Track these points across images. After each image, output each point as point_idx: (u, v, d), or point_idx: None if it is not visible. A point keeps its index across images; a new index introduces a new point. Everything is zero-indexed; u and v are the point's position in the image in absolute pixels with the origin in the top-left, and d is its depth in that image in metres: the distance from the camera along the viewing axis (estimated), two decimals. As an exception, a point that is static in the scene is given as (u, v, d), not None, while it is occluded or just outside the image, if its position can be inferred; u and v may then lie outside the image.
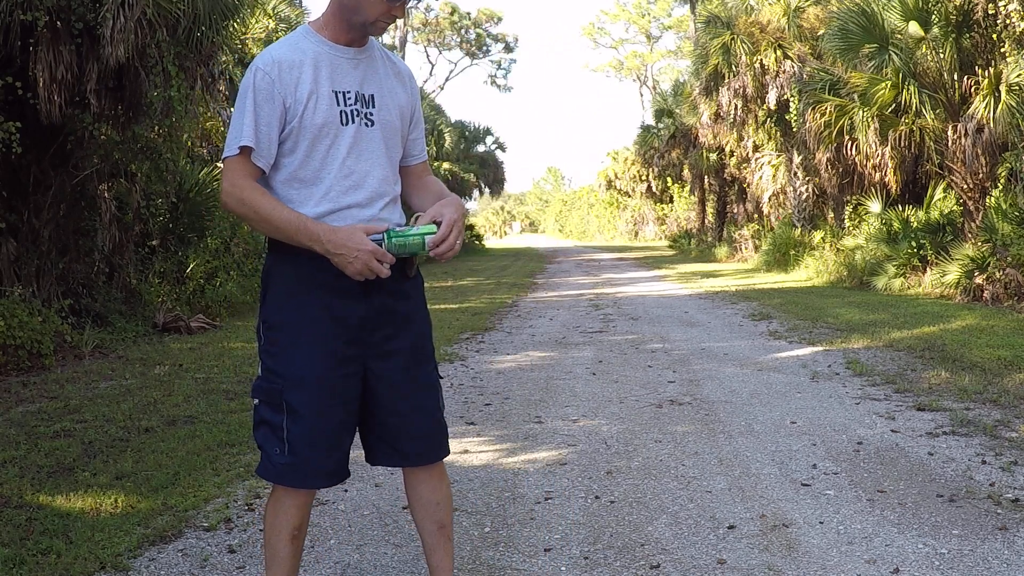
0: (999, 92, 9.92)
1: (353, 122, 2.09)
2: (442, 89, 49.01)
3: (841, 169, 13.94)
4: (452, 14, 46.01)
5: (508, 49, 48.63)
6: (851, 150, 12.27)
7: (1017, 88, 9.83)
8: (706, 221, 28.59)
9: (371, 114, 2.13)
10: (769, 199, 19.62)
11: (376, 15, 2.08)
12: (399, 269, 2.14)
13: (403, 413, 2.17)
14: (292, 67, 2.04)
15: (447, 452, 2.29)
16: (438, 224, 2.06)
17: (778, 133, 17.66)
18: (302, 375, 2.06)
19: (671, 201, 39.35)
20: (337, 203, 2.07)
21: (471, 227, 37.72)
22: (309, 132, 2.05)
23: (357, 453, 2.23)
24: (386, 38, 32.96)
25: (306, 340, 2.06)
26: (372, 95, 2.14)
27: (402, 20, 35.58)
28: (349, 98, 2.09)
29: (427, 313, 2.29)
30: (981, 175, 10.85)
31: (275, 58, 2.04)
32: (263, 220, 2.02)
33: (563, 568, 2.81)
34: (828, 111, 12.11)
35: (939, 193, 12.71)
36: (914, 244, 11.57)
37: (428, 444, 2.23)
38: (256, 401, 2.12)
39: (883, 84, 11.21)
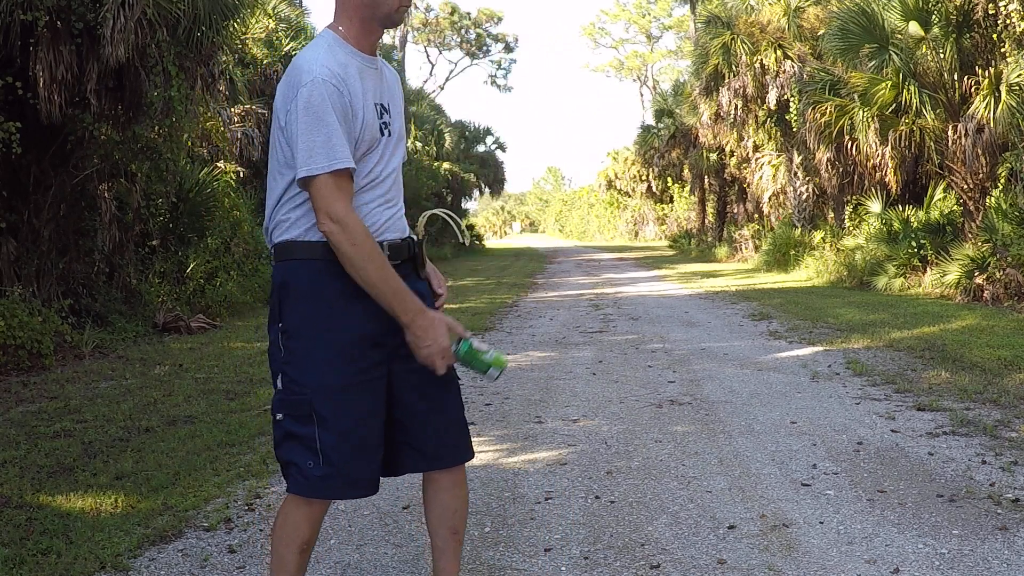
0: (999, 92, 9.92)
1: (384, 134, 2.10)
2: (442, 89, 49.04)
3: (841, 169, 13.94)
4: (452, 14, 46.03)
5: (508, 49, 48.66)
6: (851, 150, 12.27)
7: (1017, 88, 9.83)
8: (706, 221, 28.58)
9: (388, 123, 2.13)
10: (769, 199, 19.62)
11: (399, 2, 2.07)
12: (412, 270, 2.16)
13: (426, 414, 2.16)
14: (345, 79, 2.00)
15: (471, 455, 2.27)
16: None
17: (778, 133, 17.67)
18: (329, 383, 2.01)
19: (671, 201, 39.35)
20: (383, 216, 2.09)
21: (471, 227, 37.72)
22: (365, 144, 2.04)
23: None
24: (386, 38, 32.95)
25: (330, 347, 2.02)
26: (388, 104, 2.14)
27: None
28: (380, 110, 2.10)
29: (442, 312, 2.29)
30: (981, 175, 10.85)
31: (329, 67, 1.97)
32: (369, 271, 1.96)
33: (563, 568, 2.81)
34: (828, 111, 12.11)
35: (939, 193, 12.72)
36: (914, 244, 11.57)
37: (452, 445, 2.21)
38: (279, 416, 2.05)
39: (883, 84, 11.21)
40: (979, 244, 10.16)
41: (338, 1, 2.10)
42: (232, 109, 13.13)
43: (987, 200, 10.78)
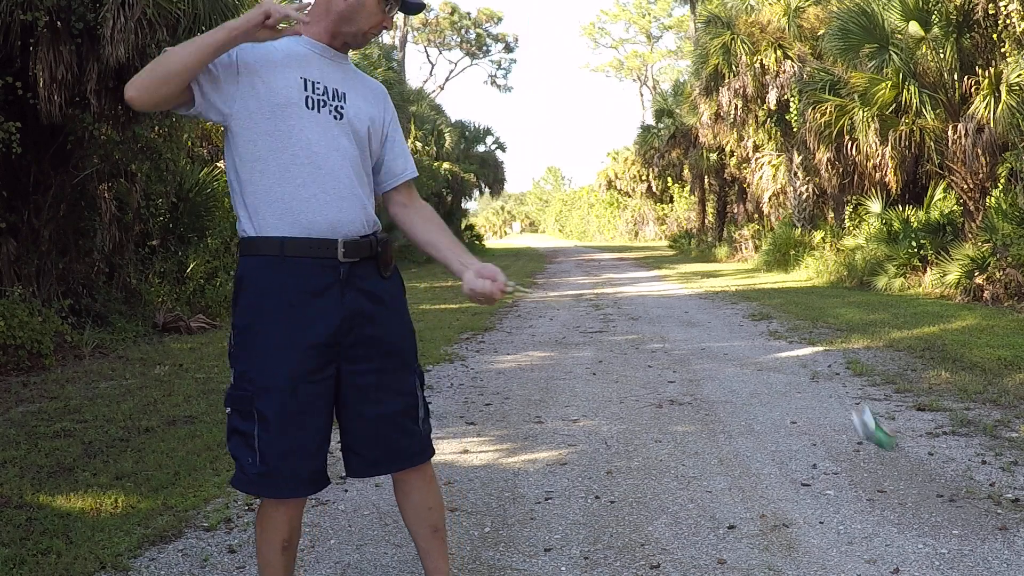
0: (999, 92, 9.92)
1: (319, 111, 2.04)
2: (442, 89, 48.98)
3: (841, 169, 13.94)
4: (452, 14, 46.01)
5: (508, 49, 48.63)
6: (851, 150, 12.28)
7: (1017, 88, 9.83)
8: (706, 221, 28.59)
9: (341, 108, 2.08)
10: (769, 199, 19.62)
11: (369, 26, 2.08)
12: (374, 270, 2.10)
13: (369, 418, 2.11)
14: (256, 47, 2.02)
15: (420, 460, 2.20)
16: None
17: (778, 133, 17.66)
18: (272, 381, 1.99)
19: (671, 201, 39.36)
20: (308, 193, 2.01)
21: (471, 227, 37.74)
22: (267, 106, 1.99)
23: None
24: (386, 37, 32.94)
25: (276, 345, 1.99)
26: (344, 92, 2.10)
27: (402, 19, 35.59)
28: (318, 88, 2.06)
29: (407, 318, 2.22)
30: (981, 175, 10.85)
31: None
32: (173, 56, 1.92)
33: (563, 568, 2.81)
34: (828, 111, 12.12)
35: (939, 193, 12.71)
36: (914, 244, 11.57)
37: (390, 451, 2.15)
38: (228, 410, 2.05)
39: (883, 84, 11.21)
40: (979, 244, 10.16)
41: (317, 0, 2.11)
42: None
43: (987, 200, 10.78)
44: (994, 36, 10.53)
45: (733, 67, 17.21)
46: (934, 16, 10.93)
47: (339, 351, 2.05)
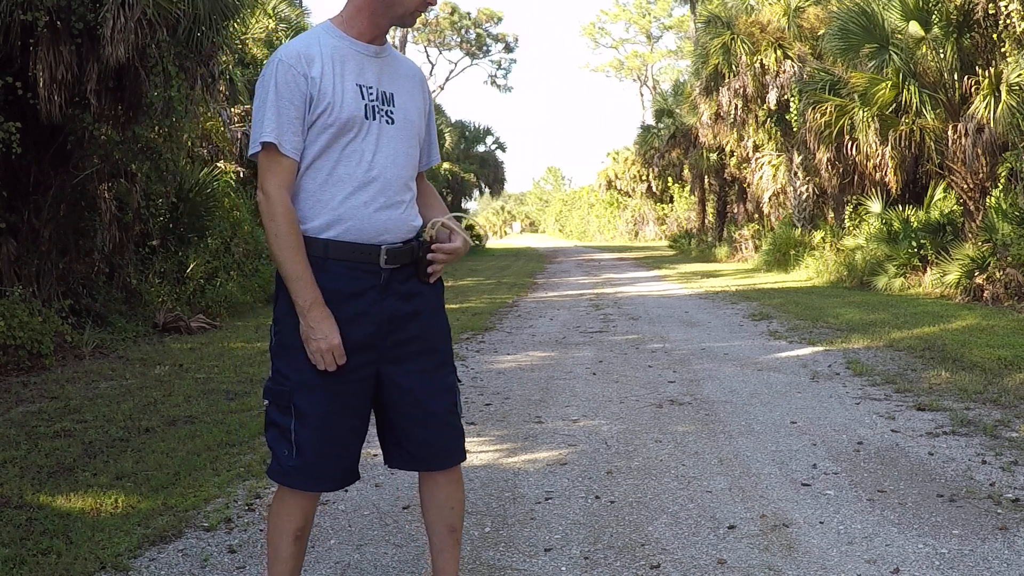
0: (999, 92, 9.91)
1: (376, 118, 2.08)
2: (442, 89, 48.92)
3: (841, 169, 13.94)
4: (452, 14, 46.00)
5: (508, 49, 48.63)
6: (851, 150, 12.27)
7: (1017, 88, 9.82)
8: (706, 221, 28.59)
9: (391, 112, 2.11)
10: (769, 199, 19.62)
11: (415, 5, 2.08)
12: (413, 274, 2.14)
13: (416, 417, 2.16)
14: (312, 60, 2.02)
15: (462, 457, 2.28)
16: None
17: (778, 133, 17.67)
18: (309, 379, 2.04)
19: (671, 201, 39.36)
20: (358, 201, 2.05)
21: (471, 227, 37.70)
22: (334, 126, 2.03)
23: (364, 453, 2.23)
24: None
25: None
26: (392, 93, 2.12)
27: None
28: (371, 93, 2.08)
29: (444, 317, 2.27)
30: (981, 175, 10.85)
31: (297, 50, 2.02)
32: (278, 249, 2.00)
33: (563, 568, 2.81)
34: (828, 111, 12.11)
35: (939, 193, 12.71)
36: (914, 244, 11.57)
37: (440, 449, 2.21)
38: (266, 402, 2.12)
39: (883, 84, 11.21)
40: (979, 244, 10.16)
41: None
42: (232, 109, 13.13)
43: (987, 200, 10.78)
44: (994, 36, 10.53)
45: (733, 67, 17.22)
46: (934, 16, 10.93)
47: (377, 353, 2.10)
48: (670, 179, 34.84)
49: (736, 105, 17.46)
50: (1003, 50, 10.39)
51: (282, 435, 2.08)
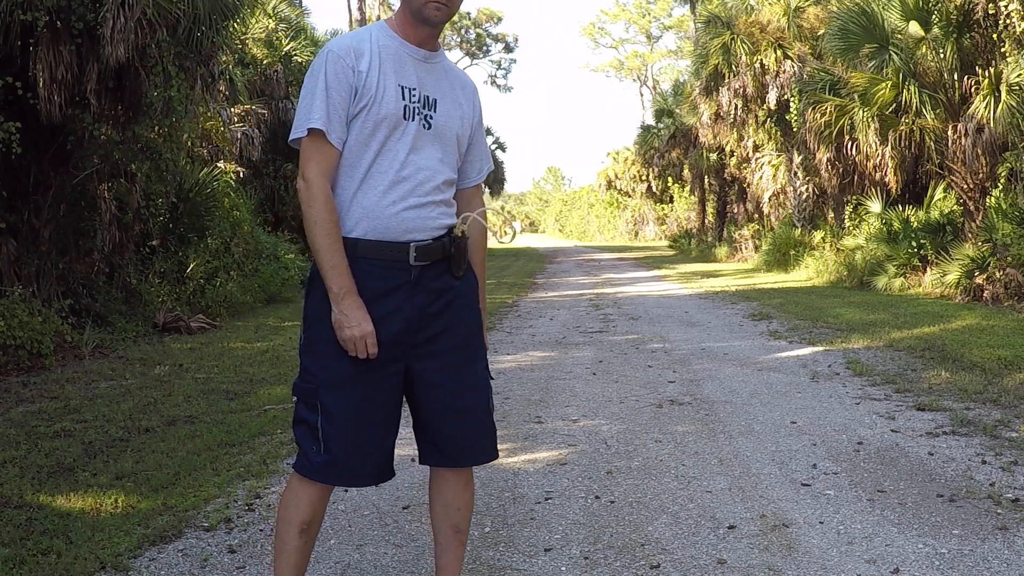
0: (999, 92, 9.91)
1: (414, 119, 2.09)
2: (442, 89, 48.79)
3: (841, 169, 13.94)
4: (452, 14, 45.95)
5: (508, 49, 48.65)
6: (851, 150, 12.27)
7: (1017, 88, 9.82)
8: (706, 221, 28.58)
9: (431, 116, 2.13)
10: (769, 199, 19.62)
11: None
12: (446, 270, 2.15)
13: (447, 413, 2.17)
14: (361, 55, 2.05)
15: (494, 455, 2.27)
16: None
17: (778, 133, 17.67)
18: (336, 376, 2.06)
19: (671, 201, 39.34)
20: (387, 200, 2.07)
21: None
22: (372, 121, 2.05)
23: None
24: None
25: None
26: (436, 99, 2.14)
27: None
28: (414, 95, 2.10)
29: (478, 312, 2.28)
30: (981, 175, 10.85)
31: (348, 44, 2.06)
32: (315, 236, 2.02)
33: (563, 568, 2.81)
34: (828, 111, 12.11)
35: (939, 193, 12.71)
36: (914, 244, 11.57)
37: (468, 445, 2.21)
38: (294, 399, 2.14)
39: (883, 84, 11.21)
40: (979, 244, 10.16)
41: None
42: (232, 109, 13.14)
43: (987, 200, 10.78)
44: (994, 36, 10.53)
45: (733, 67, 17.22)
46: (934, 16, 10.93)
47: (407, 349, 2.11)
48: (670, 179, 34.83)
49: (736, 105, 17.47)
50: (1003, 50, 10.39)
51: (310, 432, 2.09)
